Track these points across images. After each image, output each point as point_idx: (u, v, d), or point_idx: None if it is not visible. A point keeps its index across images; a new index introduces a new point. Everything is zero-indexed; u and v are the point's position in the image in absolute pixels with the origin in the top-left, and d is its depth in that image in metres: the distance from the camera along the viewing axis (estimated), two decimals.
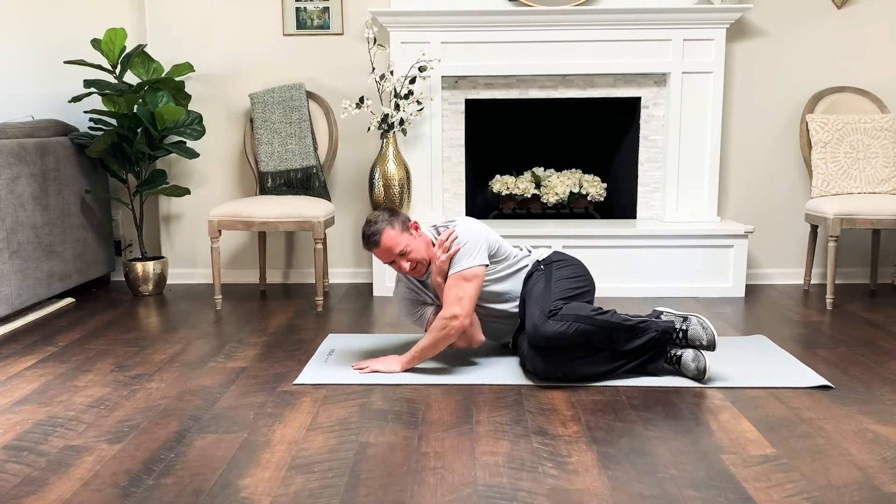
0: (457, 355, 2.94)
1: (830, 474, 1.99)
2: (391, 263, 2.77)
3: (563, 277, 2.78)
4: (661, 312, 2.78)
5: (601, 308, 2.65)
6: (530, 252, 2.96)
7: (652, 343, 2.65)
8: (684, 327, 2.66)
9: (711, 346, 2.63)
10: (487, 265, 2.73)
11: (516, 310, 2.85)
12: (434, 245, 2.78)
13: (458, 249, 2.69)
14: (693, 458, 2.09)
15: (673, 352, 2.69)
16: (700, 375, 2.63)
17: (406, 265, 2.74)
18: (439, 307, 2.79)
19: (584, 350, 2.60)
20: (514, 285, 2.85)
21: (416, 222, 2.80)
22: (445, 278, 2.72)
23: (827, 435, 2.24)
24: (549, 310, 2.60)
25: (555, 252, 2.94)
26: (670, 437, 2.22)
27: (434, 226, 2.88)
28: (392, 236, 2.70)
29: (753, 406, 2.46)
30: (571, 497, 1.87)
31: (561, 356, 2.60)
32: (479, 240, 2.72)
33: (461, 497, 1.88)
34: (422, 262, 2.76)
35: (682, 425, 2.31)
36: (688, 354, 2.65)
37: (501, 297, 2.84)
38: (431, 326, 2.73)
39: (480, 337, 2.84)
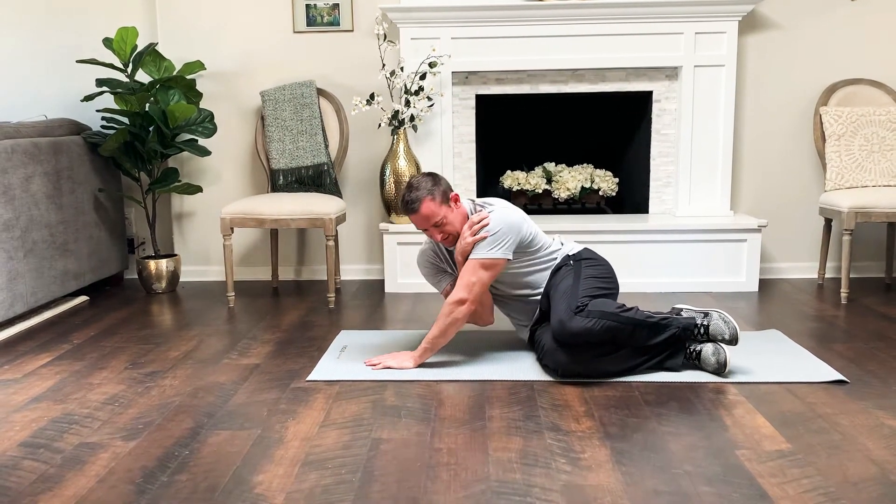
0: (469, 350, 2.94)
1: (846, 469, 1.98)
2: (425, 231, 2.79)
3: (591, 276, 2.77)
4: (682, 310, 2.77)
5: (625, 305, 2.65)
6: (562, 245, 2.94)
7: (673, 339, 2.65)
8: (706, 323, 2.65)
9: (734, 341, 2.62)
10: (510, 259, 2.74)
11: (536, 297, 2.85)
12: (467, 219, 2.80)
13: (485, 237, 2.69)
14: (707, 453, 2.08)
15: (692, 347, 2.68)
16: (721, 369, 2.62)
17: (438, 236, 2.77)
18: (456, 278, 2.82)
19: (607, 347, 2.60)
20: (541, 277, 2.85)
21: (456, 194, 2.80)
22: (466, 258, 2.74)
23: (843, 430, 2.22)
24: (575, 306, 2.59)
25: (585, 249, 2.93)
26: (684, 432, 2.21)
27: (473, 200, 2.89)
28: (431, 206, 2.70)
29: (768, 401, 2.44)
30: (585, 493, 1.87)
31: (584, 352, 2.60)
32: (507, 232, 2.70)
33: (474, 493, 1.88)
34: (454, 235, 2.78)
35: (696, 420, 2.30)
36: (707, 349, 2.65)
37: (525, 285, 2.85)
38: (440, 313, 2.74)
39: (490, 318, 2.91)
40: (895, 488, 1.88)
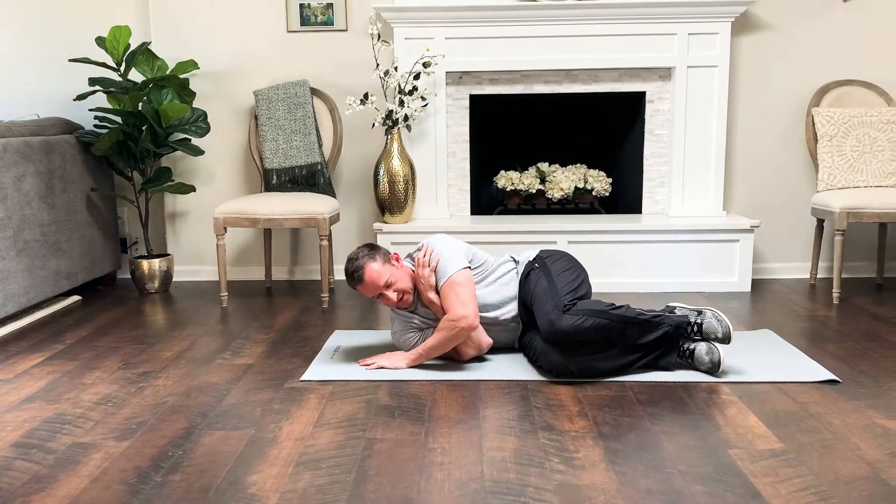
0: None
1: (838, 469, 1.99)
2: (378, 297, 2.78)
3: (561, 270, 2.80)
4: (675, 308, 2.78)
5: (615, 303, 2.66)
6: (516, 260, 2.98)
7: (666, 337, 2.66)
8: (699, 321, 2.67)
9: (727, 339, 2.63)
10: (469, 267, 2.79)
11: (510, 316, 2.86)
12: (413, 272, 2.83)
13: (438, 260, 2.75)
14: (700, 453, 2.09)
15: (686, 346, 2.69)
16: (714, 368, 2.63)
17: (392, 296, 2.77)
18: (434, 327, 2.81)
19: (599, 345, 2.61)
20: (500, 292, 2.86)
21: (396, 254, 2.87)
22: (437, 291, 2.75)
23: (834, 429, 2.23)
24: (563, 304, 2.60)
25: (541, 250, 2.97)
26: (677, 432, 2.22)
27: (409, 255, 2.93)
28: (375, 269, 2.74)
29: (761, 401, 2.45)
30: (579, 492, 1.88)
31: (577, 351, 2.60)
32: (452, 247, 2.80)
33: (468, 493, 1.88)
34: (407, 292, 2.79)
35: (690, 420, 2.30)
36: (701, 347, 2.66)
37: (493, 306, 2.85)
38: (439, 326, 2.73)
39: (487, 339, 2.84)
40: (886, 487, 1.89)
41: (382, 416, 2.37)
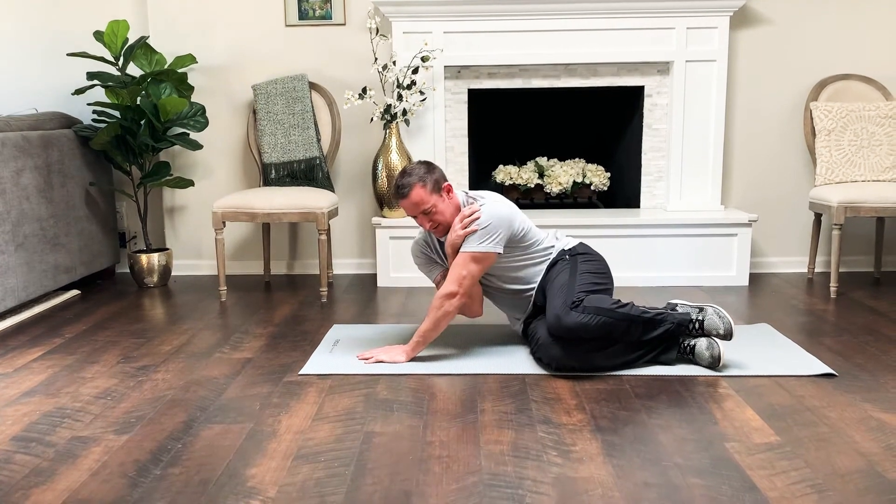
0: (461, 344, 2.95)
1: (834, 462, 2.00)
2: (415, 217, 2.79)
3: (587, 271, 2.78)
4: (676, 305, 2.79)
5: (620, 301, 2.66)
6: (557, 240, 2.95)
7: (667, 334, 2.67)
8: (700, 317, 2.67)
9: (728, 336, 2.63)
10: (500, 254, 2.74)
11: (528, 293, 2.86)
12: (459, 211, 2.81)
13: (476, 230, 2.70)
14: (697, 446, 2.10)
15: (686, 342, 2.70)
16: (715, 363, 2.64)
17: (427, 224, 2.77)
18: (447, 269, 2.83)
19: (602, 342, 2.62)
20: (533, 272, 2.85)
21: (449, 184, 2.80)
22: (456, 251, 2.74)
23: (831, 423, 2.24)
24: (571, 301, 2.61)
25: (580, 243, 2.93)
26: (674, 425, 2.23)
27: (466, 192, 2.88)
28: (421, 193, 2.71)
29: (757, 394, 2.46)
30: (576, 485, 1.89)
31: (579, 347, 2.61)
32: (498, 226, 2.71)
33: (466, 486, 1.89)
34: (444, 224, 2.78)
35: (686, 414, 2.31)
36: (702, 343, 2.66)
37: (517, 280, 2.85)
38: (430, 306, 2.75)
39: (479, 310, 2.92)
40: (882, 480, 1.90)
41: (381, 409, 2.38)
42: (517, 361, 2.78)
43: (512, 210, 2.78)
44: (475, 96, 4.27)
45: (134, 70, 4.18)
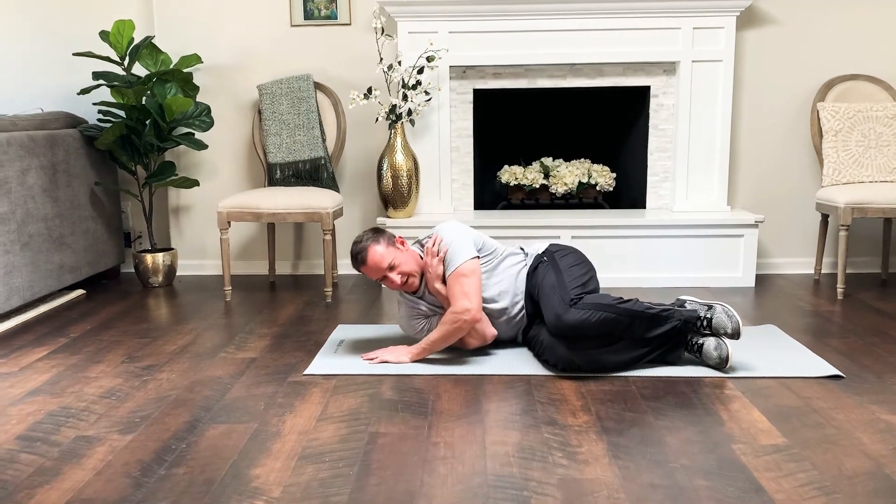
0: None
1: (842, 464, 1.98)
2: (383, 280, 2.79)
3: (570, 265, 2.79)
4: (685, 301, 2.77)
5: (623, 297, 2.65)
6: (522, 249, 2.97)
7: (674, 331, 2.65)
8: (709, 315, 2.65)
9: (736, 335, 2.61)
10: (478, 257, 2.77)
11: (517, 308, 2.85)
12: (421, 259, 2.83)
13: (447, 250, 2.74)
14: (703, 447, 2.08)
15: (694, 340, 2.68)
16: (722, 364, 2.62)
17: (397, 279, 2.77)
18: (441, 315, 2.81)
19: (606, 339, 2.60)
20: (506, 281, 2.84)
21: (401, 238, 2.85)
22: (444, 281, 2.75)
23: (838, 425, 2.23)
24: (569, 298, 2.60)
25: (551, 244, 2.96)
26: (680, 426, 2.22)
27: (417, 240, 2.92)
28: (378, 251, 2.74)
29: (764, 396, 2.45)
30: (582, 487, 1.88)
31: (583, 345, 2.60)
32: (462, 236, 2.78)
33: (471, 487, 1.88)
34: (412, 275, 2.79)
35: (693, 415, 2.30)
36: (710, 343, 2.64)
37: (502, 295, 2.84)
38: (442, 320, 2.73)
39: (492, 331, 2.84)
40: (889, 482, 1.89)
41: (385, 410, 2.37)
42: (522, 362, 2.77)
43: (462, 224, 2.87)
44: (480, 96, 4.26)
45: (139, 70, 4.18)
